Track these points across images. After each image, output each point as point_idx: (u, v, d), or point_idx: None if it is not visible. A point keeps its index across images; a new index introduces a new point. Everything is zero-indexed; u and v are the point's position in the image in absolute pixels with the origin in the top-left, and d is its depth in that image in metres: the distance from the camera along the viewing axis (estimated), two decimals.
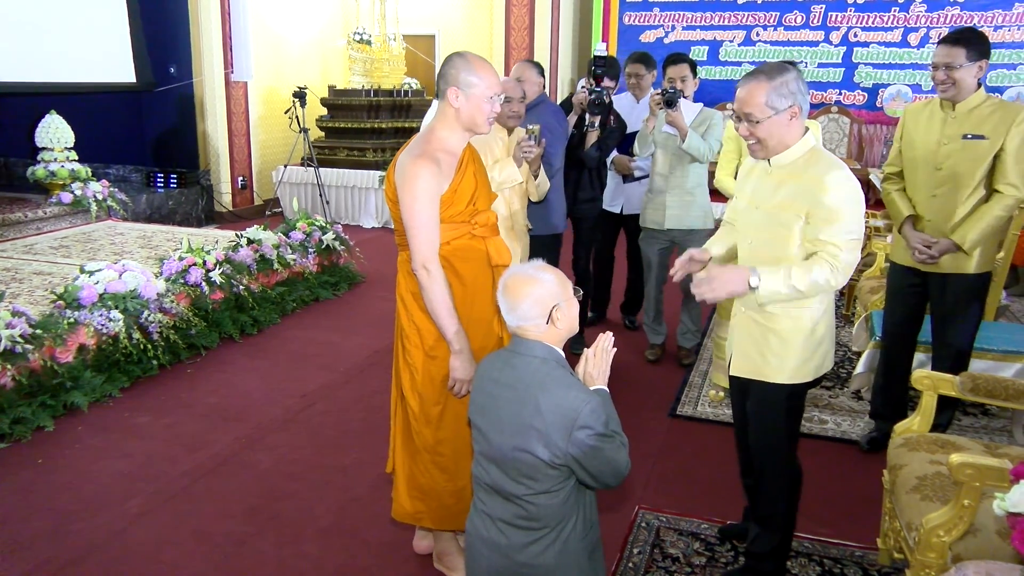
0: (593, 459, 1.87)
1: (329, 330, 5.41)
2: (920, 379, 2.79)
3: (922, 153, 3.37)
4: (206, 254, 5.15)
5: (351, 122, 9.37)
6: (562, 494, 1.94)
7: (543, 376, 1.92)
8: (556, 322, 1.95)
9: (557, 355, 1.98)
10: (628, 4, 9.97)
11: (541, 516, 1.94)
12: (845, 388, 4.42)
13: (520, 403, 1.91)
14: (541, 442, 1.86)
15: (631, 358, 4.83)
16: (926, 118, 3.40)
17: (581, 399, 1.87)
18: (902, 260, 3.54)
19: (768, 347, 2.47)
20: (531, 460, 1.88)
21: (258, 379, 4.56)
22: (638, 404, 4.22)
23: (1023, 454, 2.56)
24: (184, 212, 8.47)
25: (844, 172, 2.33)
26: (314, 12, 10.40)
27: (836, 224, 2.30)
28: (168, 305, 4.66)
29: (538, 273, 1.97)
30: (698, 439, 3.84)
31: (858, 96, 9.44)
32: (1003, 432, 3.88)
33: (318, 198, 8.80)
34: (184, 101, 8.87)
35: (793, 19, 9.49)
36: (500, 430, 1.94)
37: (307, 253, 6.04)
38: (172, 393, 4.33)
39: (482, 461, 2.03)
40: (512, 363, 1.98)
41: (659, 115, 4.26)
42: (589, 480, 1.92)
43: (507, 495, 1.96)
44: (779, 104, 2.33)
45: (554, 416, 1.86)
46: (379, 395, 4.35)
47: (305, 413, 4.13)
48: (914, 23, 9.09)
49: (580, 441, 1.85)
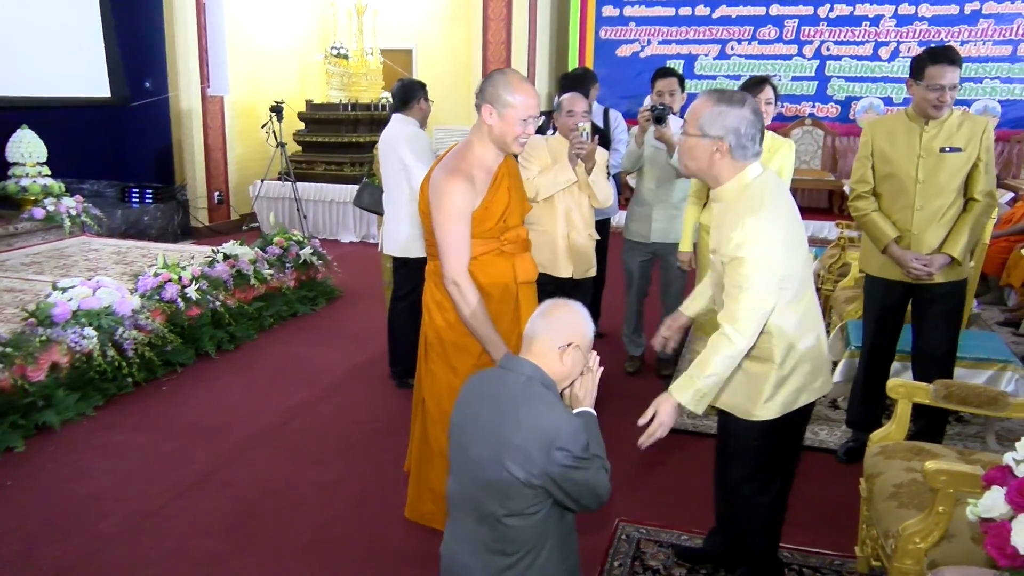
0: (570, 481, 1.86)
1: (307, 345, 5.38)
2: (895, 387, 2.82)
3: (901, 168, 3.38)
4: (182, 270, 5.11)
5: (329, 136, 9.36)
6: (537, 516, 1.91)
7: (527, 393, 1.91)
8: (563, 356, 1.96)
9: (545, 377, 1.96)
10: (604, 19, 10.06)
11: (515, 539, 1.91)
12: (823, 397, 4.45)
13: (500, 417, 1.90)
14: (518, 459, 1.84)
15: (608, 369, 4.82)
16: (899, 132, 3.41)
17: (561, 419, 1.86)
18: (885, 274, 3.54)
19: (736, 382, 2.42)
20: (507, 477, 1.86)
21: (235, 395, 4.51)
22: (617, 416, 4.21)
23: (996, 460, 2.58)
24: (160, 227, 8.40)
25: (762, 221, 2.18)
26: (291, 26, 10.39)
27: (734, 277, 2.21)
28: (143, 322, 4.61)
29: (581, 309, 2.02)
30: (678, 450, 3.85)
31: (831, 109, 9.58)
32: (976, 439, 3.92)
33: (296, 213, 8.76)
34: (160, 116, 8.80)
35: (767, 33, 9.62)
36: (479, 444, 1.92)
37: (284, 268, 6.01)
38: (148, 411, 4.28)
39: (458, 477, 2.01)
40: (499, 378, 1.98)
41: (648, 130, 4.29)
42: (568, 502, 1.90)
43: (481, 515, 1.93)
44: (708, 130, 2.25)
45: (532, 434, 1.84)
46: (358, 410, 4.33)
47: (283, 429, 4.09)
48: (884, 37, 9.26)
49: (557, 462, 1.83)
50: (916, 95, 3.33)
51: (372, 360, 5.03)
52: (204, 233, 8.83)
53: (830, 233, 8.29)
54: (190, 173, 8.93)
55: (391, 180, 4.35)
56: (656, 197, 4.49)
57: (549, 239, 3.91)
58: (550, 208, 3.91)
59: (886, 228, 3.44)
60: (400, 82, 4.45)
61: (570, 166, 3.80)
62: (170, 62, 8.68)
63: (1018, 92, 8.87)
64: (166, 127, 8.87)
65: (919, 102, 3.33)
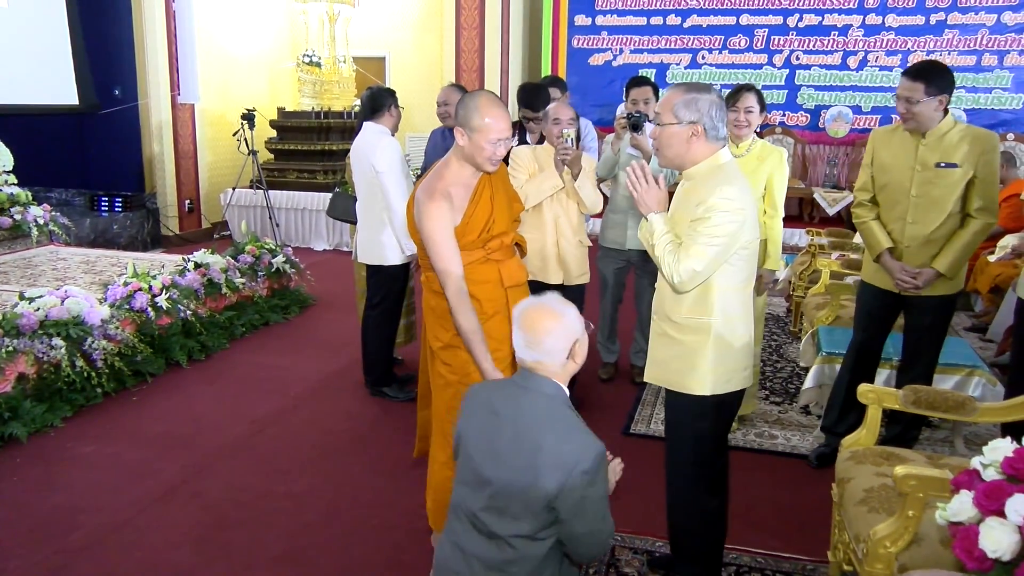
0: (584, 515, 1.84)
1: (280, 354, 5.34)
2: (865, 393, 2.85)
3: (896, 179, 3.39)
4: (152, 279, 5.05)
5: (301, 144, 9.31)
6: (545, 545, 1.89)
7: (549, 415, 1.90)
8: (575, 357, 1.97)
9: (564, 395, 1.96)
10: (577, 28, 10.12)
11: (518, 562, 1.89)
12: (794, 403, 4.50)
13: (520, 440, 1.87)
14: (537, 483, 1.82)
15: (582, 377, 4.85)
16: (898, 144, 3.41)
17: (587, 445, 1.85)
18: (877, 282, 3.57)
19: (674, 358, 2.51)
20: (522, 498, 1.84)
21: (206, 405, 4.47)
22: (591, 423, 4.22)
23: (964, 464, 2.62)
24: (129, 236, 8.30)
25: (732, 188, 2.33)
26: (263, 34, 10.34)
27: (699, 226, 2.33)
28: (113, 331, 4.55)
29: (559, 307, 1.98)
30: (652, 457, 3.85)
31: (801, 117, 9.70)
32: (945, 443, 3.98)
33: (268, 221, 8.71)
34: (129, 123, 8.71)
35: (737, 43, 9.72)
36: (495, 464, 1.90)
37: (256, 276, 5.96)
38: (117, 421, 4.22)
39: (466, 491, 1.97)
40: (517, 398, 1.95)
41: (624, 138, 4.31)
42: (572, 539, 1.88)
43: (489, 533, 1.91)
44: (683, 116, 2.38)
45: (554, 457, 1.82)
46: (331, 418, 4.30)
47: (255, 439, 4.05)
48: (853, 47, 9.40)
49: (575, 489, 1.81)
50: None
51: (345, 368, 5.00)
52: (175, 242, 8.75)
53: (800, 240, 8.38)
54: (160, 181, 8.84)
55: (363, 188, 4.34)
56: (631, 204, 4.50)
57: (539, 246, 3.94)
58: (538, 216, 3.95)
59: (880, 238, 3.45)
60: (369, 90, 4.45)
61: (556, 173, 3.87)
62: (140, 69, 8.59)
63: (983, 101, 9.04)
64: (136, 135, 8.79)
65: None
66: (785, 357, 5.32)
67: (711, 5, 9.72)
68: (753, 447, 3.98)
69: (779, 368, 5.10)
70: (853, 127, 9.44)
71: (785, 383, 4.83)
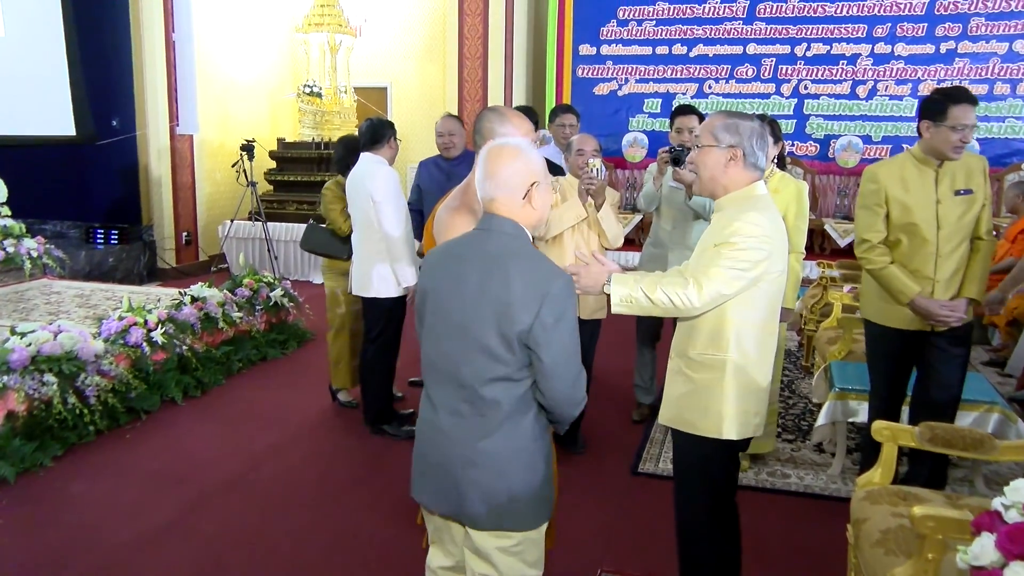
0: (556, 346, 1.90)
1: (277, 390, 5.32)
2: (879, 430, 2.83)
3: (920, 215, 3.31)
4: (147, 313, 5.06)
5: (300, 175, 9.37)
6: (523, 385, 1.96)
7: (513, 250, 1.96)
8: (532, 200, 2.01)
9: (525, 234, 2.02)
10: (581, 57, 10.21)
11: (496, 403, 1.96)
12: (807, 441, 4.47)
13: (487, 275, 1.94)
14: (509, 316, 1.89)
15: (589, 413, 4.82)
16: (911, 178, 3.34)
17: (553, 272, 1.93)
18: (895, 323, 3.45)
19: (687, 396, 2.48)
20: (495, 338, 1.91)
21: (202, 442, 4.45)
22: (597, 461, 4.20)
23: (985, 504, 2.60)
24: (125, 269, 8.33)
25: (762, 216, 2.34)
26: (263, 64, 10.46)
27: (724, 250, 2.32)
28: (107, 367, 4.54)
29: (524, 147, 2.05)
30: (662, 497, 3.82)
31: (810, 147, 9.74)
32: (964, 482, 3.94)
33: (266, 253, 8.74)
34: (127, 154, 8.79)
35: (744, 72, 9.80)
36: (463, 307, 1.96)
37: (254, 311, 5.97)
38: (110, 460, 4.20)
39: (436, 345, 2.04)
40: (480, 239, 2.01)
41: (666, 172, 4.29)
42: (546, 384, 1.95)
43: (462, 382, 1.97)
44: (723, 138, 2.41)
45: (523, 288, 1.89)
46: (330, 456, 4.28)
47: (252, 476, 4.03)
48: (862, 76, 9.47)
49: (546, 317, 1.88)
50: (934, 137, 3.25)
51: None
52: (171, 275, 8.77)
53: (812, 272, 8.38)
54: (157, 213, 8.89)
55: (361, 219, 4.37)
56: (672, 239, 4.45)
57: None
58: (558, 246, 3.97)
59: (908, 281, 3.33)
60: (369, 121, 4.49)
61: (580, 202, 3.92)
62: (138, 100, 8.69)
63: (996, 130, 9.08)
64: (133, 166, 8.86)
65: (938, 144, 3.25)
66: (797, 393, 5.30)
67: (717, 34, 9.81)
68: (765, 486, 3.94)
69: (791, 404, 5.07)
70: (864, 157, 9.47)
71: (798, 420, 4.80)
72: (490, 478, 1.99)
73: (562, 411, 2.02)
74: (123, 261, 8.33)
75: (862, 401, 3.91)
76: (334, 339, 4.94)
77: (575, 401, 2.02)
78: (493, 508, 2.00)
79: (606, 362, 5.22)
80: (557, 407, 2.01)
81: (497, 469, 1.98)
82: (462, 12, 9.76)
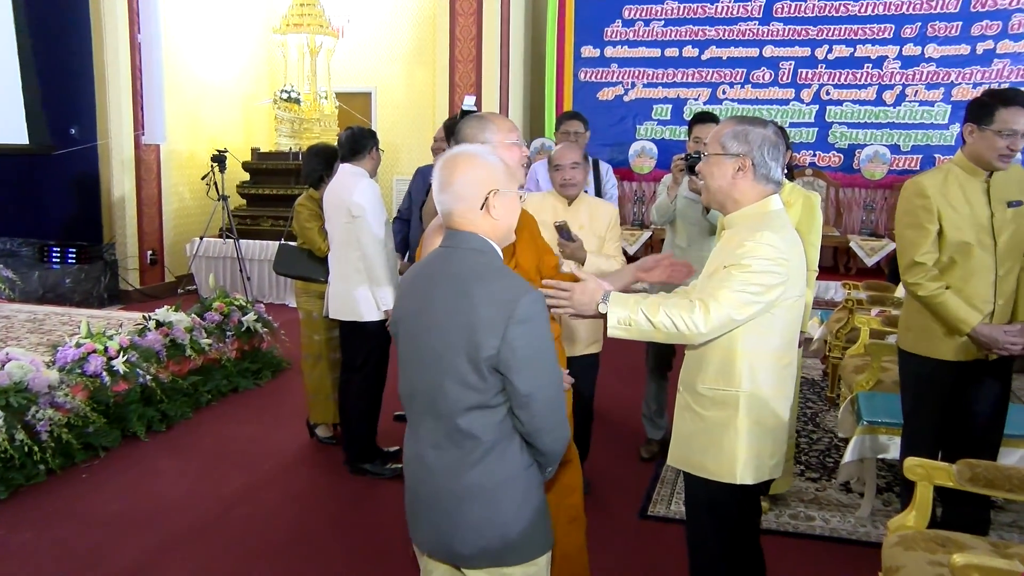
0: (528, 369, 1.91)
1: (250, 424, 5.31)
2: (912, 468, 2.81)
3: (973, 232, 3.24)
4: (108, 339, 5.05)
5: (276, 188, 9.39)
6: (499, 412, 1.96)
7: (478, 267, 1.97)
8: (491, 209, 2.01)
9: (493, 249, 2.03)
10: (583, 60, 10.26)
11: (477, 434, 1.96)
12: (833, 480, 4.45)
13: (453, 297, 1.95)
14: (476, 339, 1.89)
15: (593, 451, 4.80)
16: (959, 191, 3.27)
17: (519, 288, 1.93)
18: (944, 354, 3.35)
19: (696, 435, 2.47)
20: (465, 363, 1.91)
21: (168, 482, 4.43)
22: (603, 503, 4.18)
23: None
24: (84, 291, 8.32)
25: (776, 236, 2.33)
26: (237, 68, 10.51)
27: (735, 271, 2.31)
28: (61, 399, 4.52)
29: (483, 154, 2.06)
30: (673, 543, 3.80)
31: (833, 158, 9.77)
32: (1012, 528, 3.91)
33: (238, 274, 8.73)
34: (87, 166, 8.79)
35: (761, 76, 9.85)
36: (432, 331, 1.98)
37: (225, 337, 5.96)
38: (62, 502, 4.17)
39: (411, 373, 2.06)
40: (445, 258, 2.03)
41: (682, 181, 4.27)
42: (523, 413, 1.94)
43: (439, 413, 1.99)
44: (730, 146, 2.41)
45: (489, 309, 1.90)
46: (308, 497, 4.26)
47: (223, 519, 4.01)
48: (888, 80, 9.49)
49: (514, 339, 1.88)
50: (978, 142, 3.20)
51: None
52: (135, 297, 8.77)
53: (836, 294, 8.39)
54: (120, 230, 8.89)
55: (339, 236, 4.37)
56: (687, 257, 4.36)
57: None
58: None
59: (969, 308, 3.21)
60: (349, 130, 4.51)
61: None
62: (100, 107, 8.71)
63: None
64: (94, 178, 8.86)
65: (981, 150, 3.19)
66: (822, 427, 5.28)
67: (731, 36, 9.86)
68: (788, 530, 3.92)
69: (815, 439, 5.06)
70: (891, 168, 9.48)
71: (822, 456, 4.79)
72: (480, 512, 1.99)
73: (545, 443, 2.01)
74: (81, 282, 8.32)
75: (893, 436, 3.89)
76: (312, 368, 4.93)
77: (557, 430, 2.02)
78: (486, 544, 2.00)
79: (612, 393, 5.21)
80: (538, 438, 2.00)
81: (486, 502, 1.99)
82: (453, 11, 9.82)
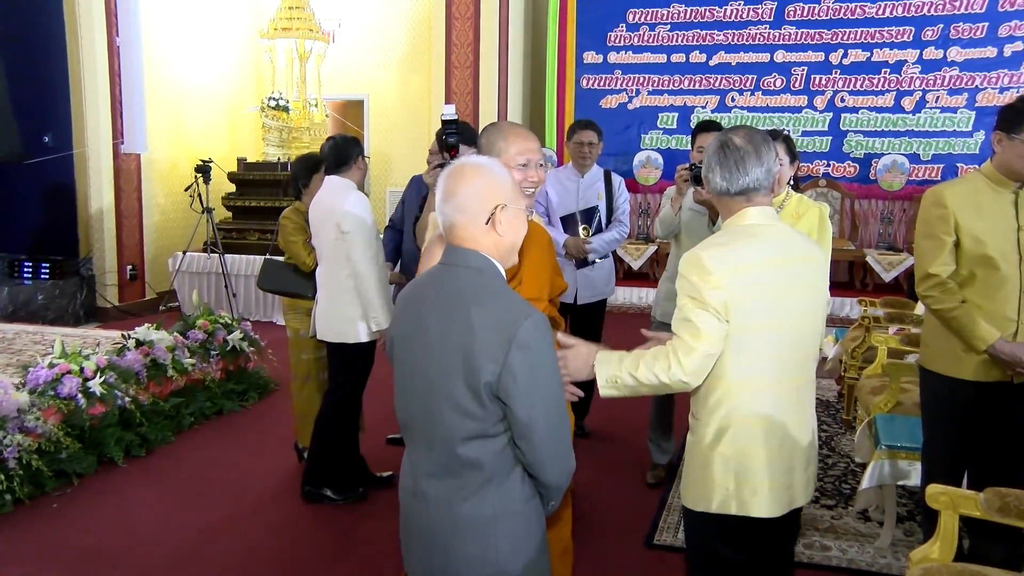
0: (530, 397, 1.88)
1: (235, 449, 5.29)
2: (935, 495, 2.79)
3: (998, 246, 3.21)
4: (84, 359, 5.03)
5: (264, 200, 9.40)
6: (500, 441, 1.94)
7: (478, 288, 1.94)
8: (497, 226, 1.98)
9: (494, 268, 2.00)
10: (586, 66, 10.30)
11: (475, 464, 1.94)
12: (850, 507, 4.43)
13: (449, 320, 1.92)
14: (474, 364, 1.87)
15: (594, 475, 4.78)
16: (986, 203, 3.24)
17: (521, 311, 1.90)
18: (968, 374, 3.32)
19: (686, 460, 2.51)
20: (462, 389, 1.89)
21: (146, 511, 4.40)
22: (605, 533, 4.16)
23: None
24: (58, 308, 8.31)
25: (715, 252, 2.30)
26: (222, 73, 10.55)
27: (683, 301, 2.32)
28: (32, 423, 4.50)
29: (492, 166, 2.03)
30: (681, 573, 3.78)
31: (848, 168, 9.78)
32: None
33: (223, 290, 8.72)
34: (62, 176, 8.80)
35: (772, 82, 9.88)
36: (425, 357, 1.96)
37: (209, 356, 5.95)
38: (30, 535, 4.14)
39: (406, 399, 2.04)
40: (442, 276, 2.01)
41: (687, 192, 4.27)
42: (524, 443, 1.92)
43: (434, 441, 1.97)
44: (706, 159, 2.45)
45: (488, 333, 1.87)
46: (296, 527, 4.23)
47: (205, 551, 3.98)
48: (907, 86, 9.50)
49: (515, 365, 1.85)
50: (1007, 151, 3.17)
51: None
52: (113, 315, 8.76)
53: (852, 311, 8.38)
54: (98, 244, 8.89)
55: (327, 252, 4.36)
56: None
57: None
58: None
59: (986, 323, 3.20)
60: (331, 139, 4.52)
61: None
62: (76, 113, 8.72)
63: None
64: (69, 189, 8.87)
65: (1010, 160, 3.17)
66: (838, 451, 5.26)
67: (741, 40, 9.89)
68: (802, 560, 3.89)
69: (831, 464, 5.04)
70: (910, 178, 9.48)
71: (838, 482, 4.76)
72: (473, 548, 1.96)
73: (548, 476, 1.99)
74: (55, 299, 8.30)
75: (913, 461, 3.87)
76: (300, 389, 4.91)
77: (561, 462, 1.99)
78: None
79: (617, 415, 5.18)
80: (541, 469, 1.97)
81: (480, 537, 1.96)
82: (450, 15, 9.87)
